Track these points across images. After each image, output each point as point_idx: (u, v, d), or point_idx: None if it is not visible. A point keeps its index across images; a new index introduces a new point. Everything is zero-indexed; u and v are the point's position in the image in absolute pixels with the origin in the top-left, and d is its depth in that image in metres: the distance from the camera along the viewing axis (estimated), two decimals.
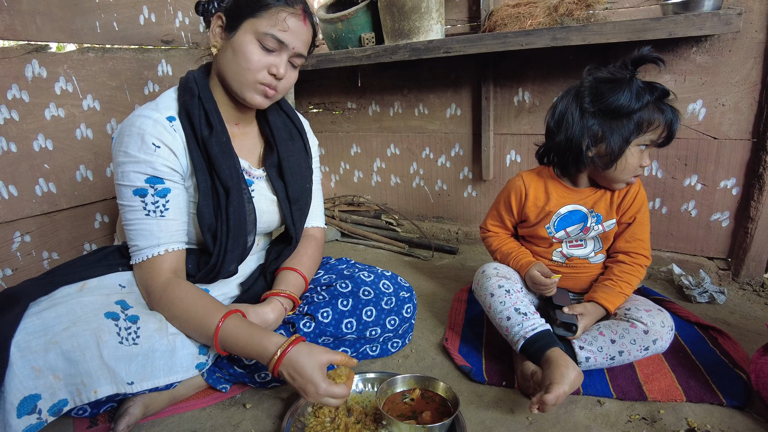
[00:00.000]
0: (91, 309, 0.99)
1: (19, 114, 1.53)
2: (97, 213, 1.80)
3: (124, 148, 1.08)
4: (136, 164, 1.07)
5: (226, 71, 1.13)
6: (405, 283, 1.37)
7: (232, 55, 1.10)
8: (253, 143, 1.29)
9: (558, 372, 1.05)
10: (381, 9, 1.97)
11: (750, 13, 1.57)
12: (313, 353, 0.99)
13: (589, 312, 1.27)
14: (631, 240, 1.33)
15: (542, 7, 1.76)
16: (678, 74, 1.73)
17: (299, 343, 1.00)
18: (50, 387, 0.91)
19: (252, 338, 1.02)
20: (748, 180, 1.69)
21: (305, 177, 1.33)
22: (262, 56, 1.10)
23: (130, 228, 1.10)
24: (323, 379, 0.98)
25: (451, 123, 2.25)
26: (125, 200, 1.09)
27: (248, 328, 1.04)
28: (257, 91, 1.13)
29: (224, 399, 1.21)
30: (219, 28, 1.12)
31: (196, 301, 1.07)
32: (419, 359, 1.37)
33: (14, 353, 0.89)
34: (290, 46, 1.11)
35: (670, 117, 1.20)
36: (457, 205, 2.36)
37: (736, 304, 1.63)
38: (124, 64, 1.81)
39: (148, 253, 1.10)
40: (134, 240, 1.10)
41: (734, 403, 1.11)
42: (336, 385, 0.99)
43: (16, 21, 1.49)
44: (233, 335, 1.03)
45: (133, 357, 1.00)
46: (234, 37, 1.10)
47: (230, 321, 1.04)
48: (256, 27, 1.08)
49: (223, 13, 1.11)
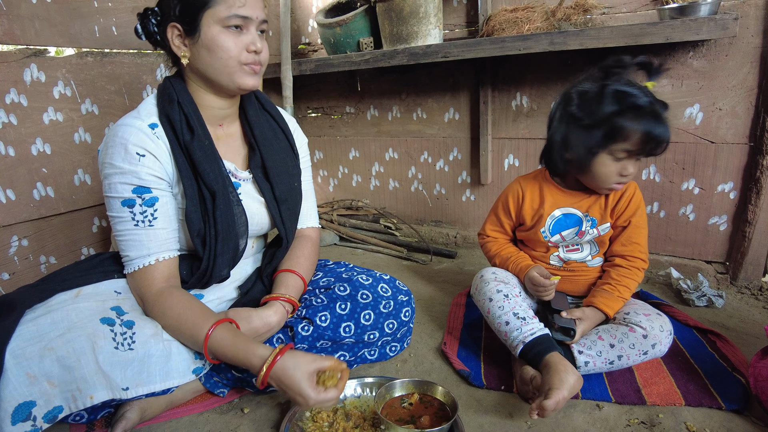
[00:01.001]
0: (87, 315, 0.98)
1: (17, 118, 1.52)
2: (95, 217, 1.80)
3: (109, 159, 1.07)
4: (122, 175, 1.06)
5: (209, 70, 1.10)
6: (403, 286, 1.37)
7: (208, 53, 1.08)
8: (237, 144, 1.27)
9: (557, 377, 1.05)
10: (379, 14, 1.98)
11: (746, 18, 1.58)
12: (298, 365, 0.97)
13: (588, 317, 1.26)
14: (627, 243, 1.33)
15: (540, 12, 1.77)
16: (675, 78, 1.73)
17: (285, 354, 0.99)
18: (45, 394, 0.91)
19: (237, 350, 1.02)
20: (746, 184, 1.70)
21: (292, 176, 1.31)
22: (236, 39, 1.08)
23: (121, 239, 1.10)
24: (312, 387, 0.97)
25: (449, 127, 2.26)
26: (114, 212, 1.09)
27: (234, 339, 1.03)
28: (245, 72, 1.11)
29: (222, 403, 1.21)
30: (178, 38, 1.10)
31: (186, 310, 1.07)
32: (418, 363, 1.36)
33: (9, 360, 0.88)
34: (254, 17, 1.09)
35: (646, 128, 1.14)
36: (456, 209, 2.36)
37: (734, 307, 1.63)
38: (122, 68, 1.81)
39: (139, 263, 1.10)
40: (125, 250, 1.11)
41: (733, 406, 1.11)
42: (326, 391, 0.98)
43: (14, 25, 1.49)
44: (221, 346, 1.03)
45: (129, 362, 0.99)
46: (201, 37, 1.07)
47: (217, 332, 1.03)
48: (217, 15, 1.05)
49: (176, 21, 1.08)
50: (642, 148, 1.18)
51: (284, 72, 2.16)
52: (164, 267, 1.12)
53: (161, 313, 1.08)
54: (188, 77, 1.16)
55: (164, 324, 1.08)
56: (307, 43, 2.54)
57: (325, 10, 2.21)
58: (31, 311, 0.98)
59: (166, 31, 1.09)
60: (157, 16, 1.12)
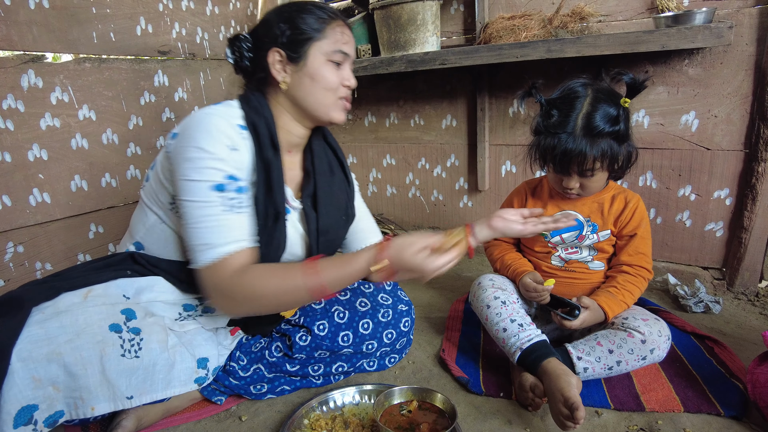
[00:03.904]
0: (96, 320, 0.96)
1: (14, 124, 1.52)
2: (91, 223, 1.79)
3: (197, 143, 1.01)
4: (217, 160, 1.02)
5: (308, 98, 1.13)
6: (404, 296, 1.36)
7: (311, 82, 1.11)
8: (296, 172, 1.25)
9: (561, 380, 1.06)
10: (377, 21, 1.99)
11: (740, 26, 1.60)
12: (406, 243, 1.02)
13: (594, 308, 1.26)
14: (633, 254, 1.33)
15: (537, 20, 1.78)
16: (671, 86, 1.75)
17: (392, 239, 1.05)
18: (48, 398, 0.90)
19: (343, 262, 1.05)
20: (741, 190, 1.71)
21: (340, 209, 1.29)
22: (336, 73, 1.13)
23: (201, 225, 1.02)
24: (425, 258, 1.00)
25: (446, 134, 2.26)
26: (197, 196, 1.01)
27: (336, 257, 1.08)
28: (339, 107, 1.16)
29: (219, 411, 1.20)
30: (280, 63, 1.11)
31: (278, 268, 1.06)
32: (416, 370, 1.36)
33: (15, 362, 0.87)
34: (351, 55, 1.16)
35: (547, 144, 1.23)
36: (453, 216, 2.36)
37: (731, 313, 1.64)
38: (120, 74, 1.81)
39: (224, 250, 1.02)
40: (205, 238, 1.02)
41: (732, 413, 1.11)
42: (439, 258, 1.01)
43: (12, 31, 1.49)
44: (329, 268, 1.04)
45: (134, 370, 0.98)
46: (306, 66, 1.10)
47: (319, 261, 1.05)
48: (324, 48, 1.10)
49: (281, 47, 1.10)
50: (558, 167, 1.25)
51: None
52: (250, 254, 1.06)
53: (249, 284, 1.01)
54: (276, 101, 1.16)
55: (258, 291, 1.02)
56: None
57: None
58: (39, 311, 0.95)
59: (267, 55, 1.11)
60: (248, 42, 1.14)
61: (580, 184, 1.27)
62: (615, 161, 1.24)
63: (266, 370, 1.22)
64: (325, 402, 1.17)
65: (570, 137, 1.19)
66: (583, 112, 1.20)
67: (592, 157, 1.19)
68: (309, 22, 1.09)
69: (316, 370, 1.26)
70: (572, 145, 1.19)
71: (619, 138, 1.22)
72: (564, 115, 1.22)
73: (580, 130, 1.19)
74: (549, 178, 1.35)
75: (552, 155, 1.23)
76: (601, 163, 1.21)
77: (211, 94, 2.19)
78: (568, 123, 1.21)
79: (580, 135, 1.19)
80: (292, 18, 1.10)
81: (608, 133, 1.19)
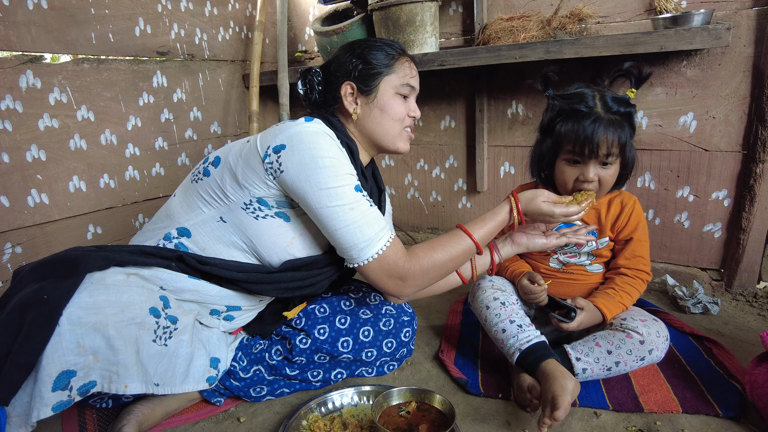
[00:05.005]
0: (137, 300, 0.96)
1: (12, 124, 1.52)
2: (89, 224, 1.78)
3: (323, 153, 1.06)
4: (345, 166, 1.09)
5: (377, 129, 1.20)
6: (409, 308, 1.37)
7: (381, 113, 1.18)
8: None
9: (557, 383, 1.06)
10: (376, 22, 1.99)
11: (738, 28, 1.60)
12: (535, 195, 1.17)
13: (590, 310, 1.26)
14: (630, 257, 1.33)
15: (535, 21, 1.79)
16: (669, 87, 1.75)
17: (521, 192, 1.18)
18: (87, 366, 0.89)
19: (486, 218, 1.19)
20: (740, 191, 1.71)
21: None
22: (404, 105, 1.21)
23: (358, 224, 1.07)
24: (552, 206, 1.16)
25: (445, 135, 2.26)
26: (348, 198, 1.06)
27: (478, 218, 1.20)
28: (404, 138, 1.23)
29: (218, 412, 1.20)
30: (351, 96, 1.18)
31: (433, 242, 1.16)
32: (415, 371, 1.36)
33: (64, 323, 0.86)
34: (416, 88, 1.24)
35: (573, 128, 1.20)
36: (452, 217, 2.36)
37: (729, 314, 1.64)
38: (119, 75, 1.81)
39: (387, 238, 1.10)
40: (367, 232, 1.07)
41: (730, 414, 1.11)
42: (567, 206, 1.16)
43: (11, 32, 1.49)
44: (478, 225, 1.18)
45: (161, 357, 1.00)
46: (376, 98, 1.18)
47: (467, 224, 1.18)
48: (393, 82, 1.19)
49: (353, 81, 1.17)
50: (581, 150, 1.21)
51: (281, 80, 2.17)
52: (396, 238, 1.15)
53: (422, 261, 1.11)
54: (348, 130, 1.22)
55: (437, 262, 1.13)
56: (303, 51, 2.54)
57: (322, 18, 2.22)
58: (89, 279, 0.93)
59: (340, 88, 1.18)
60: (319, 76, 1.22)
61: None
62: (627, 149, 1.22)
63: (266, 372, 1.23)
64: (323, 403, 1.17)
65: (592, 113, 1.20)
66: (598, 96, 1.22)
67: (616, 135, 1.18)
68: (379, 58, 1.18)
69: (315, 376, 1.26)
70: (596, 121, 1.18)
71: (632, 124, 1.23)
72: (580, 98, 1.23)
73: (600, 107, 1.21)
74: (560, 178, 1.28)
75: (575, 134, 1.19)
76: (619, 148, 1.21)
77: (209, 95, 2.19)
78: (587, 101, 1.22)
79: (601, 111, 1.20)
80: (364, 54, 1.18)
81: (624, 113, 1.21)
